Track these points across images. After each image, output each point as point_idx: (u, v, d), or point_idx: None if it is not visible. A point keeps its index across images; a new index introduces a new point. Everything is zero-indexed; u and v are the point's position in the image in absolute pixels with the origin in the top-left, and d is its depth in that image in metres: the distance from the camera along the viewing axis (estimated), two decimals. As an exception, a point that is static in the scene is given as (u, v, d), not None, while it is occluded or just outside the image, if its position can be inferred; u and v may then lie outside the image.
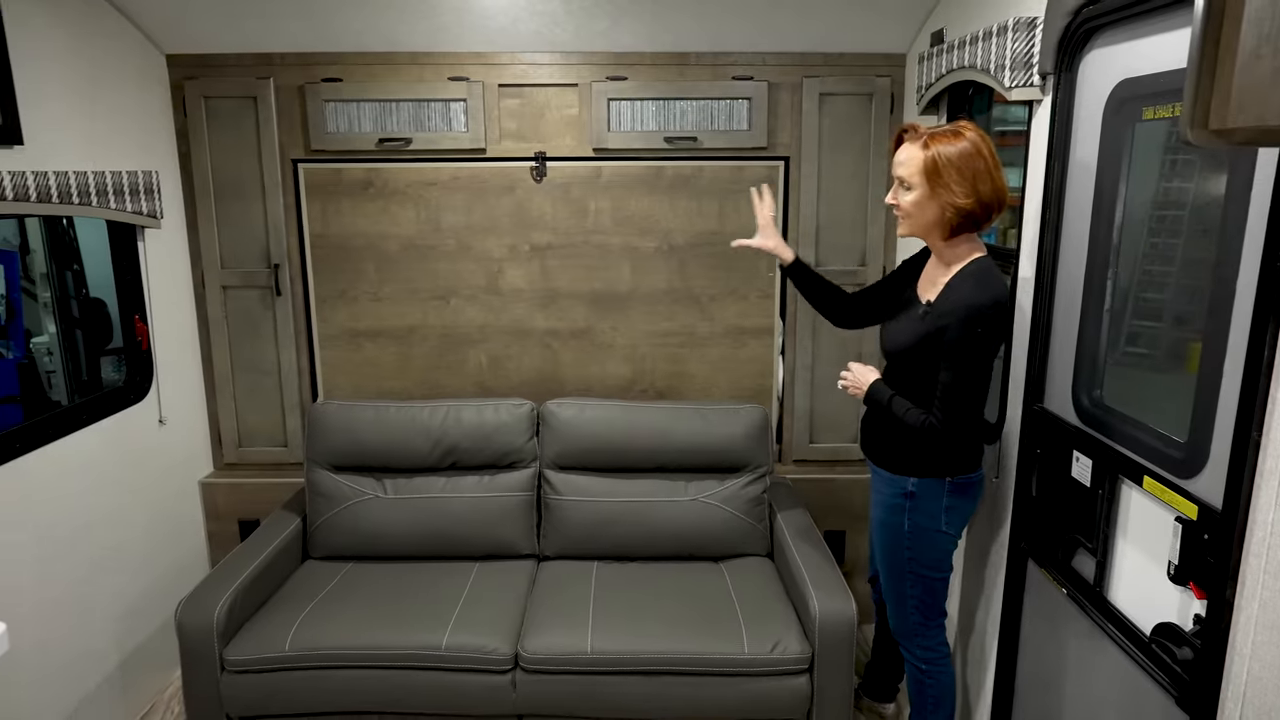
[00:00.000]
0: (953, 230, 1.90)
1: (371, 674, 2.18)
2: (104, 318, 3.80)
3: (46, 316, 3.87)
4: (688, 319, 3.04)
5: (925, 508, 2.01)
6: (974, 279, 1.88)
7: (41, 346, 3.87)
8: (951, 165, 1.84)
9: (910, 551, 2.05)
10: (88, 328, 3.85)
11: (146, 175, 2.65)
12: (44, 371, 3.85)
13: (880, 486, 2.11)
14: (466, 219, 2.96)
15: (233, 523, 3.06)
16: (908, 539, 2.04)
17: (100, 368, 3.90)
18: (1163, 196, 1.66)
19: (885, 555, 2.12)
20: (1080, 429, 1.81)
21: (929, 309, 1.94)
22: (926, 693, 2.16)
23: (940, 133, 1.87)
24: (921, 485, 2.01)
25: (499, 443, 2.70)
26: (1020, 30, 1.92)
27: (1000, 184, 1.86)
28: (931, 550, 2.05)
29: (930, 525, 2.02)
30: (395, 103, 2.87)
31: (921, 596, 2.09)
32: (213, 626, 2.17)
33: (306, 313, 3.02)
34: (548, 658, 2.18)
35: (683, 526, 2.64)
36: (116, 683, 2.54)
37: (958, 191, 1.84)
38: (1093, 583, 1.75)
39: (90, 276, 3.82)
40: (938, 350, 1.89)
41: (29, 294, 3.84)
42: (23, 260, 3.84)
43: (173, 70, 2.83)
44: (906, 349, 1.97)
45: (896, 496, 2.05)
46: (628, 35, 2.76)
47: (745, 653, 2.17)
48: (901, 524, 2.04)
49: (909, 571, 2.08)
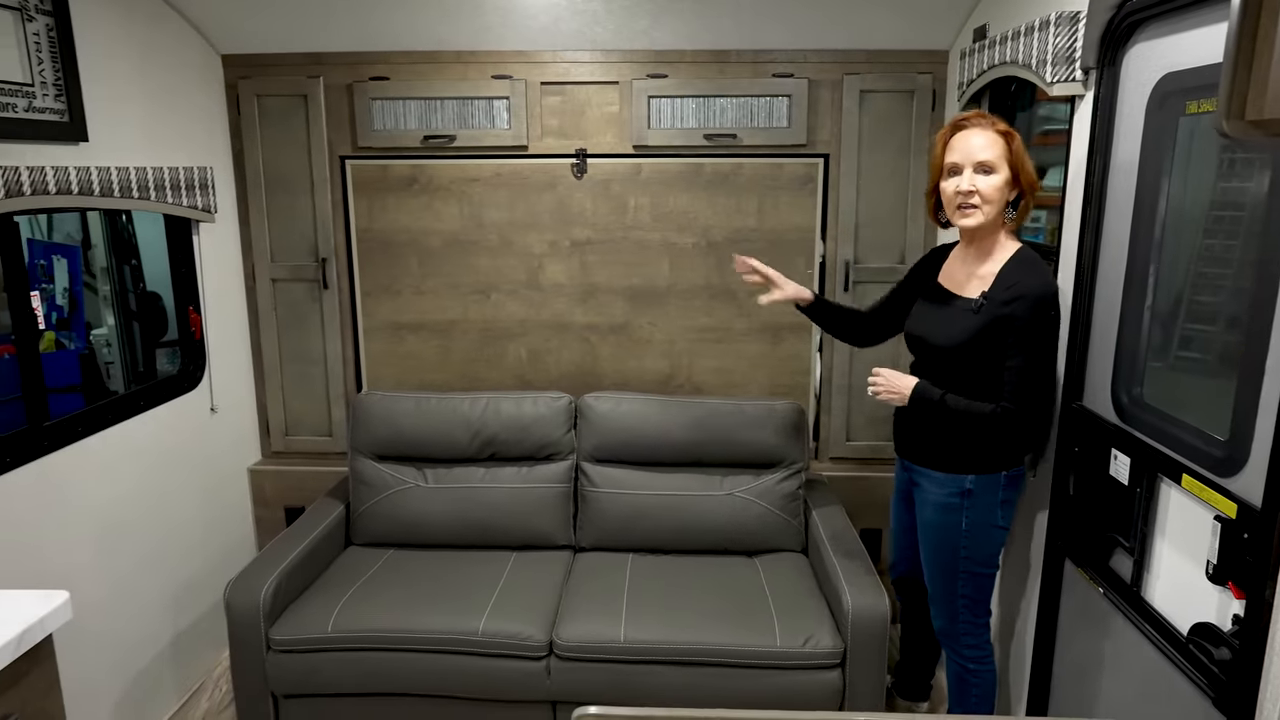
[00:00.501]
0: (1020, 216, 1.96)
1: (409, 656, 2.23)
2: (159, 311, 3.93)
3: (106, 309, 4.01)
4: (725, 315, 3.06)
5: (983, 504, 2.01)
6: (1031, 265, 1.91)
7: (101, 338, 4.02)
8: (1018, 145, 1.91)
9: (966, 550, 2.04)
10: (144, 320, 3.99)
11: (202, 171, 2.74)
12: (103, 362, 3.99)
13: (931, 487, 2.08)
14: (508, 215, 3.01)
15: (279, 509, 3.16)
16: (964, 537, 2.03)
17: (155, 359, 4.03)
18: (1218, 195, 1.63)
19: (936, 555, 2.10)
20: (1119, 427, 1.79)
21: (985, 301, 1.93)
22: (970, 691, 2.14)
23: (995, 116, 1.95)
24: (979, 482, 2.00)
25: (537, 435, 2.74)
26: (1062, 25, 1.90)
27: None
28: (987, 546, 2.05)
29: (987, 520, 2.02)
30: (440, 101, 2.93)
31: (972, 595, 2.08)
32: (259, 607, 2.24)
33: (352, 305, 3.10)
34: (582, 645, 2.21)
35: (717, 520, 2.66)
36: (169, 660, 2.64)
37: (1032, 173, 1.91)
38: (1130, 582, 1.73)
39: (147, 271, 3.96)
40: (997, 341, 1.90)
41: (90, 288, 3.99)
42: (84, 255, 3.99)
43: (228, 70, 2.93)
44: (962, 344, 1.96)
45: (952, 496, 2.03)
46: (668, 33, 2.78)
47: (777, 645, 2.18)
48: (959, 523, 2.02)
49: (961, 570, 2.06)
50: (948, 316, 2.03)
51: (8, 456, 2.03)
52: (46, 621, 1.30)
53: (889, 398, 2.05)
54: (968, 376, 1.97)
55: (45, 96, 2.12)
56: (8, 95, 2.00)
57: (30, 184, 2.02)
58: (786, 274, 3.00)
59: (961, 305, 1.99)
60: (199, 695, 2.74)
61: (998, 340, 1.90)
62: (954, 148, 1.95)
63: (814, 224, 2.99)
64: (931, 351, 2.06)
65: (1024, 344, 1.87)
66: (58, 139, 2.16)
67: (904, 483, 2.28)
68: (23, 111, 2.04)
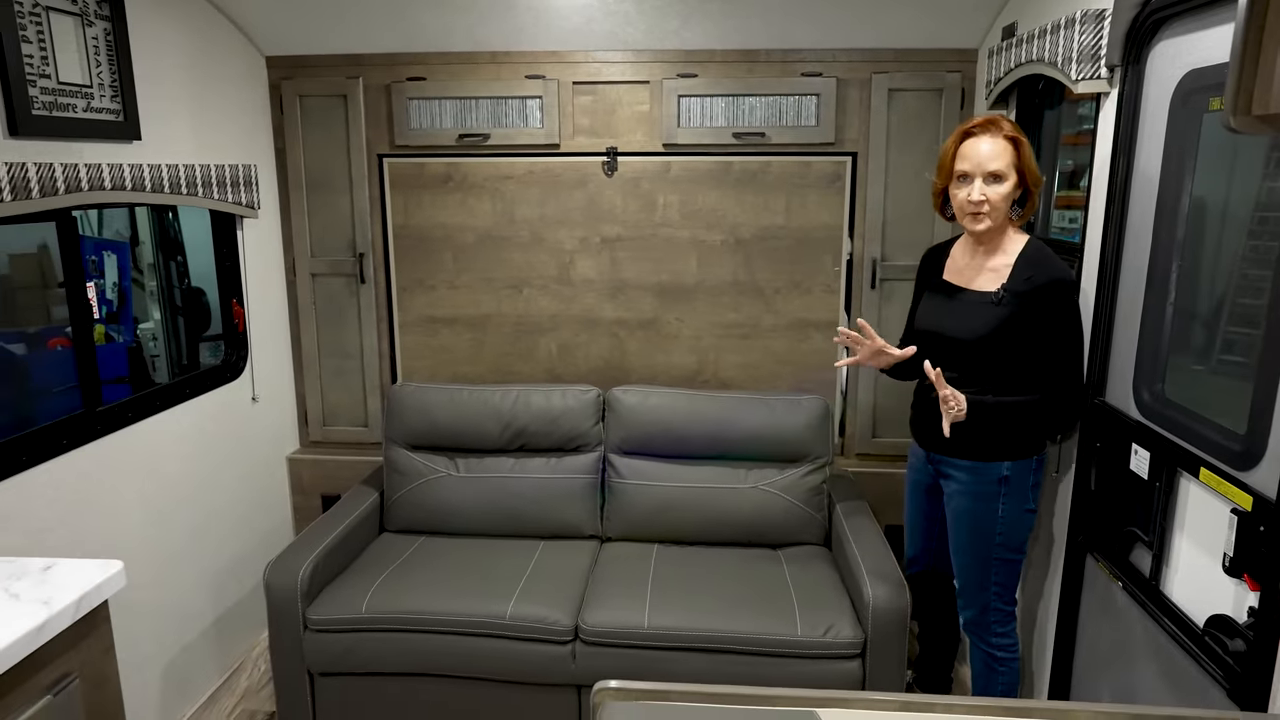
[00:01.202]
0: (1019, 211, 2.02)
1: (439, 638, 2.30)
2: (203, 306, 4.06)
3: (152, 304, 4.15)
4: (752, 311, 3.10)
5: (1020, 489, 2.05)
6: (1046, 255, 1.98)
7: (147, 332, 4.16)
8: (1025, 149, 1.97)
9: (1002, 536, 2.07)
10: (189, 315, 4.12)
11: (246, 169, 2.85)
12: (149, 356, 4.14)
13: (965, 478, 2.10)
14: (540, 212, 3.08)
15: (316, 497, 3.25)
16: (1001, 524, 2.06)
17: (199, 353, 4.16)
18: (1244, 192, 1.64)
19: (971, 546, 2.12)
20: (1140, 422, 1.80)
21: (1004, 294, 1.97)
22: (997, 680, 2.16)
23: (1001, 120, 1.99)
24: (1015, 468, 2.03)
25: (566, 426, 2.80)
26: (1088, 22, 1.92)
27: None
28: (1021, 531, 2.09)
29: (1023, 505, 2.06)
30: (475, 100, 3.00)
31: (1005, 582, 2.12)
32: (297, 587, 2.33)
33: (388, 299, 3.19)
34: (606, 630, 2.27)
35: (742, 513, 2.70)
36: (211, 638, 2.74)
37: (1037, 175, 1.97)
38: (1148, 575, 1.75)
39: (192, 267, 4.09)
40: (1020, 332, 1.95)
41: (137, 283, 4.14)
42: (132, 251, 4.14)
43: (271, 71, 3.03)
44: (984, 336, 1.99)
45: (989, 484, 2.05)
46: (698, 34, 2.83)
47: (798, 634, 2.22)
48: (996, 510, 2.05)
49: (995, 558, 2.09)
50: (964, 310, 2.06)
51: (64, 439, 2.14)
52: (103, 587, 1.38)
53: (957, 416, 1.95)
54: (987, 367, 2.01)
55: (102, 97, 2.22)
56: (69, 96, 2.10)
57: (88, 180, 2.13)
58: (813, 272, 3.06)
59: (976, 299, 2.03)
60: (239, 673, 2.85)
61: (1021, 330, 1.95)
62: (964, 155, 1.98)
63: (841, 222, 3.01)
64: (949, 345, 2.08)
65: (1061, 328, 1.94)
66: (113, 137, 2.26)
67: (926, 475, 2.29)
68: (82, 111, 2.15)
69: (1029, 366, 1.97)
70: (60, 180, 2.04)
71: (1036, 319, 1.94)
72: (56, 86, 2.07)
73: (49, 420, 2.14)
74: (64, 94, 2.09)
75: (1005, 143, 1.94)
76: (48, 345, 3.94)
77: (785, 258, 3.05)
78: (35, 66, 2.01)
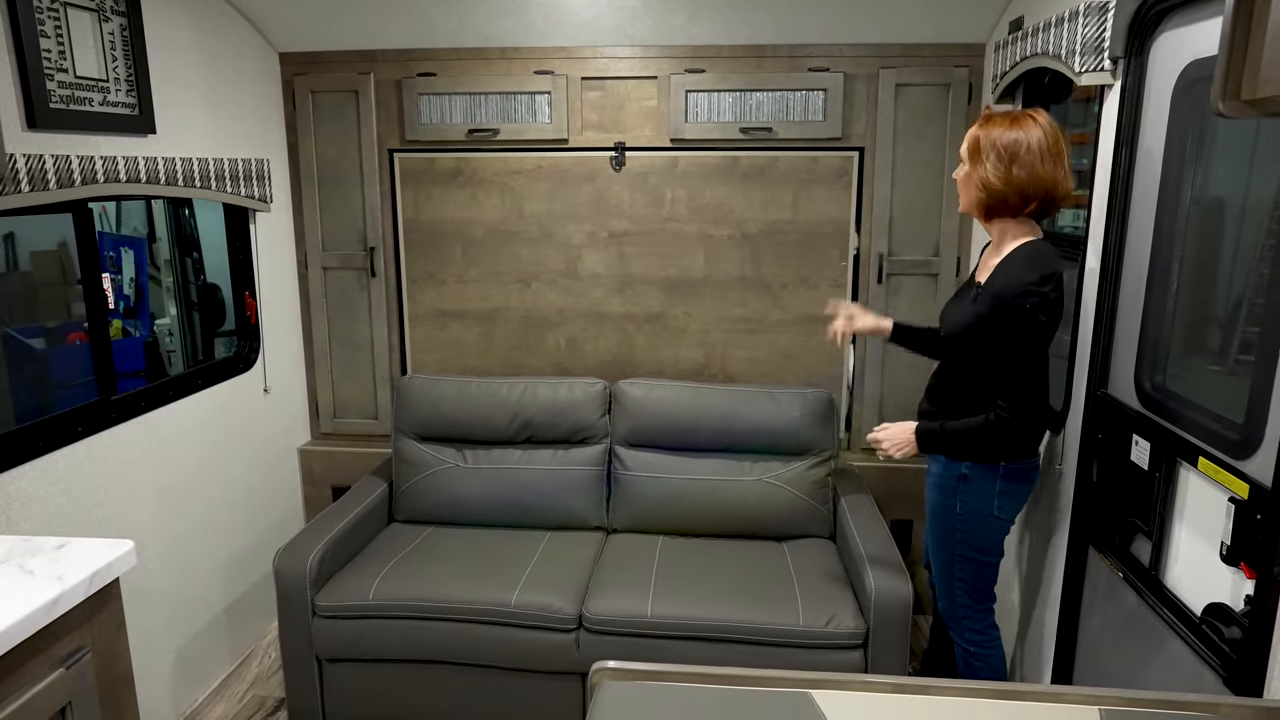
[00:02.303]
0: (988, 211, 1.97)
1: (445, 625, 2.33)
2: (218, 302, 4.11)
3: (168, 300, 4.21)
4: (759, 306, 3.11)
5: (978, 491, 2.03)
6: (1023, 258, 1.91)
7: (163, 327, 4.21)
8: (993, 147, 1.90)
9: (962, 534, 2.08)
10: (204, 311, 4.17)
11: (259, 163, 2.89)
12: (165, 351, 4.19)
13: (935, 469, 2.15)
14: (549, 206, 3.11)
15: (326, 488, 3.30)
16: (960, 521, 2.07)
17: (214, 349, 4.22)
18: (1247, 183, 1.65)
19: (936, 537, 2.15)
20: (1141, 413, 1.81)
21: (980, 291, 1.98)
22: (978, 674, 2.17)
23: (1002, 115, 1.93)
24: (975, 470, 2.03)
25: (572, 418, 2.83)
26: (1091, 15, 1.92)
27: (1043, 175, 1.87)
28: (982, 534, 2.07)
29: (983, 509, 2.04)
30: (484, 96, 3.03)
31: (970, 580, 2.11)
32: (305, 574, 2.37)
33: (398, 293, 3.23)
34: (609, 619, 2.29)
35: (746, 505, 2.72)
36: (222, 626, 2.79)
37: (991, 172, 1.90)
38: (1148, 565, 1.75)
39: (208, 263, 4.14)
40: (989, 332, 1.91)
41: (154, 279, 4.20)
42: (149, 248, 4.19)
43: (284, 67, 3.07)
44: (961, 331, 2.01)
45: (950, 479, 2.07)
46: (705, 29, 2.85)
47: (800, 624, 2.24)
48: (954, 506, 2.07)
49: (959, 555, 2.10)
50: (961, 302, 2.09)
51: (80, 426, 2.18)
52: (115, 565, 1.41)
53: (903, 452, 2.08)
54: (961, 366, 2.05)
55: (118, 91, 2.27)
56: (85, 90, 2.15)
57: (104, 172, 2.17)
58: (820, 267, 3.07)
59: (970, 293, 2.04)
60: (250, 660, 2.89)
61: (985, 335, 1.93)
62: None
63: (849, 217, 3.03)
64: (944, 337, 2.12)
65: (1007, 338, 1.88)
66: (129, 131, 2.31)
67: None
68: (98, 105, 2.19)
69: (994, 375, 1.94)
70: (76, 172, 2.08)
71: (996, 326, 1.89)
72: (74, 80, 2.11)
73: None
74: (81, 88, 2.14)
75: (973, 130, 1.97)
76: (67, 340, 4.02)
77: (792, 253, 3.06)
78: (53, 60, 2.05)
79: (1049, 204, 1.92)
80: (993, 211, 1.95)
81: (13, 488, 1.98)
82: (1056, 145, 1.88)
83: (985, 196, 1.93)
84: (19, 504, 2.00)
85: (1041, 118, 1.90)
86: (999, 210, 1.94)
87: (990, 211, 1.96)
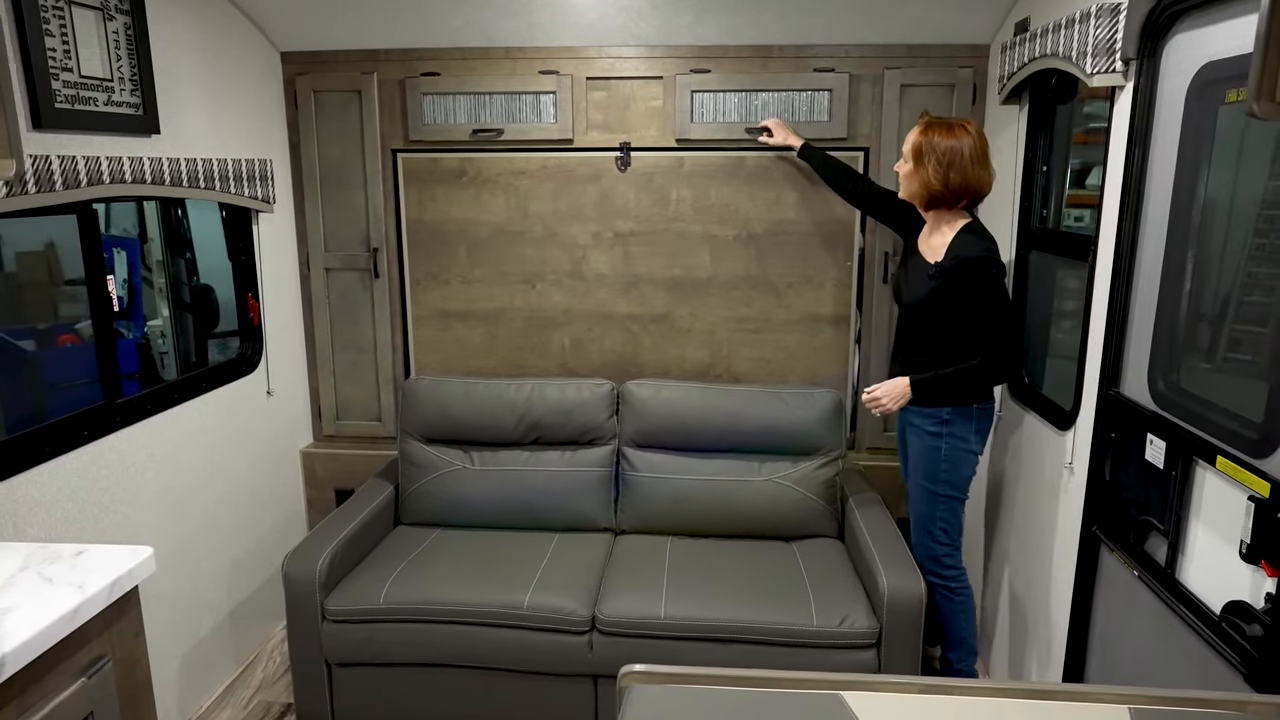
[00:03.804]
0: (928, 204, 2.36)
1: (457, 629, 2.32)
2: (212, 303, 4.07)
3: (161, 301, 4.17)
4: (764, 305, 3.11)
5: (959, 431, 2.36)
6: (975, 235, 2.30)
7: (155, 329, 4.17)
8: (934, 152, 2.29)
9: (947, 474, 2.38)
10: (198, 312, 4.13)
11: (262, 163, 2.87)
12: (157, 353, 4.15)
13: (916, 421, 2.42)
14: (554, 206, 3.10)
15: (330, 490, 3.28)
16: (944, 461, 2.37)
17: (208, 350, 4.18)
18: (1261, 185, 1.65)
19: (922, 481, 2.42)
20: (1156, 413, 1.82)
21: (939, 270, 2.30)
22: (957, 607, 2.45)
23: (940, 123, 2.32)
24: (955, 413, 2.36)
25: (580, 419, 2.82)
26: (1103, 16, 1.93)
27: (973, 178, 2.28)
28: (963, 470, 2.40)
29: (963, 447, 2.37)
30: (489, 95, 3.02)
31: (948, 518, 2.42)
32: (315, 578, 2.35)
33: (401, 294, 3.21)
34: (623, 621, 2.29)
35: (755, 505, 2.72)
36: (226, 630, 2.76)
37: (932, 175, 2.29)
38: (1164, 564, 1.76)
39: (201, 264, 4.10)
40: (947, 303, 2.29)
41: (146, 280, 4.15)
42: (141, 249, 4.15)
43: (286, 67, 3.05)
44: (920, 302, 2.36)
45: (933, 424, 2.37)
46: (711, 29, 2.84)
47: (814, 624, 2.24)
48: (939, 448, 2.37)
49: (942, 495, 2.40)
50: (915, 277, 2.41)
51: (85, 430, 2.16)
52: (135, 572, 1.40)
53: (896, 405, 2.36)
54: (928, 330, 2.37)
55: (123, 91, 2.24)
56: (90, 90, 2.12)
57: (109, 173, 2.15)
58: (825, 267, 3.08)
59: (922, 268, 2.38)
60: (255, 665, 2.87)
61: (949, 302, 2.29)
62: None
63: (854, 217, 3.03)
64: (903, 308, 2.48)
65: (984, 300, 2.25)
66: (133, 131, 2.28)
67: (902, 427, 2.58)
68: (103, 105, 2.17)
69: (965, 334, 2.29)
70: (83, 173, 2.06)
71: (962, 292, 2.26)
72: (78, 80, 2.09)
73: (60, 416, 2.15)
74: (85, 88, 2.11)
75: (916, 135, 2.33)
76: (58, 342, 3.97)
77: (798, 252, 3.07)
78: (58, 60, 2.03)
79: (978, 199, 2.36)
80: (932, 204, 2.35)
81: (20, 493, 1.96)
82: (984, 151, 2.31)
83: (926, 194, 2.33)
84: (25, 510, 1.97)
85: (972, 127, 2.31)
86: (937, 203, 2.34)
87: (930, 204, 2.36)
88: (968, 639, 2.51)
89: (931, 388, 2.34)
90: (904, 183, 2.40)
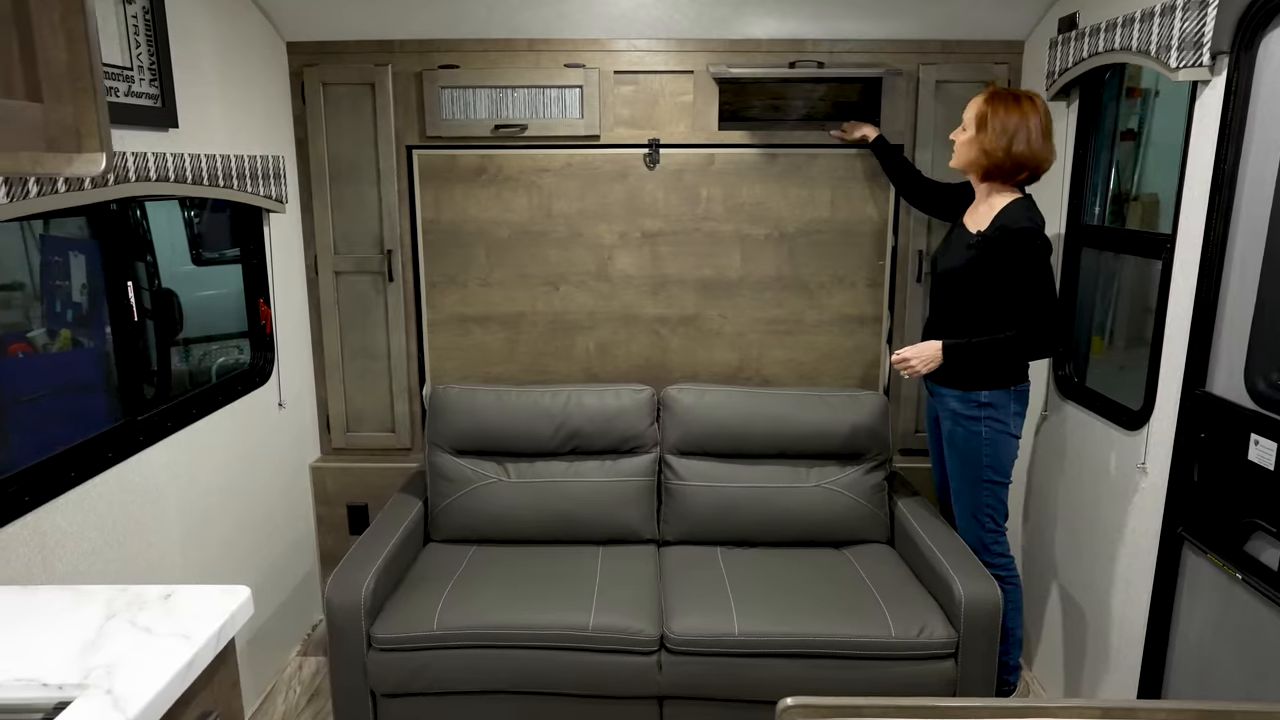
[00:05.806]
0: (985, 174, 2.30)
1: (518, 654, 2.19)
2: (173, 309, 3.83)
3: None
4: (796, 306, 3.04)
5: (998, 414, 2.32)
6: (1024, 209, 2.25)
7: (112, 336, 3.90)
8: (998, 119, 2.23)
9: (989, 458, 2.34)
10: (158, 319, 3.88)
11: (275, 160, 2.68)
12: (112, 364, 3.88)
13: (952, 405, 2.37)
14: (579, 205, 2.97)
15: (341, 506, 3.09)
16: (986, 445, 2.33)
17: (170, 359, 3.93)
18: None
19: (963, 468, 2.38)
20: (1258, 412, 1.79)
21: (980, 239, 2.27)
22: (1007, 597, 2.32)
23: (1006, 93, 2.28)
24: (993, 396, 2.32)
25: (621, 427, 2.71)
26: (1191, 9, 1.90)
27: (1037, 150, 2.23)
28: (1006, 453, 2.35)
29: (1004, 430, 2.33)
30: (511, 90, 2.88)
31: (994, 504, 2.38)
32: (360, 604, 2.19)
33: (416, 298, 3.04)
34: (695, 639, 2.19)
35: (806, 512, 2.64)
36: (244, 660, 2.55)
37: (994, 142, 2.23)
38: (1277, 568, 1.73)
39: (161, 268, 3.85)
40: (986, 273, 2.25)
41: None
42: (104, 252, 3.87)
43: (292, 58, 2.86)
44: (957, 270, 2.33)
45: (971, 408, 2.33)
46: (748, 23, 2.76)
47: (892, 636, 2.17)
48: (980, 432, 2.33)
49: (986, 480, 2.35)
50: (955, 245, 2.39)
51: (110, 452, 1.97)
52: (237, 616, 1.25)
53: (926, 368, 2.31)
54: (962, 298, 2.33)
55: (142, 81, 2.05)
56: (110, 79, 1.93)
57: (135, 170, 1.96)
58: (858, 266, 3.02)
59: (964, 238, 2.35)
60: (274, 696, 2.68)
61: (985, 273, 2.26)
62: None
63: (887, 216, 2.98)
64: (938, 276, 2.44)
65: (1026, 273, 2.19)
66: (152, 124, 2.09)
67: (933, 410, 2.54)
68: (124, 96, 1.98)
69: (1002, 308, 2.24)
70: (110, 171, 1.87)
71: (1001, 264, 2.22)
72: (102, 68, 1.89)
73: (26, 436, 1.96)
74: (108, 76, 1.92)
75: (980, 102, 2.29)
76: (8, 351, 3.68)
77: (830, 252, 3.00)
78: (80, 45, 1.83)
79: (1035, 175, 2.29)
80: (990, 175, 2.29)
81: (48, 524, 1.77)
82: (1049, 127, 2.25)
83: (986, 162, 2.27)
84: (54, 542, 1.78)
85: (1040, 101, 2.26)
86: (995, 174, 2.28)
87: (988, 174, 2.30)
88: (1015, 630, 2.47)
89: (963, 354, 2.28)
90: (960, 150, 2.34)
